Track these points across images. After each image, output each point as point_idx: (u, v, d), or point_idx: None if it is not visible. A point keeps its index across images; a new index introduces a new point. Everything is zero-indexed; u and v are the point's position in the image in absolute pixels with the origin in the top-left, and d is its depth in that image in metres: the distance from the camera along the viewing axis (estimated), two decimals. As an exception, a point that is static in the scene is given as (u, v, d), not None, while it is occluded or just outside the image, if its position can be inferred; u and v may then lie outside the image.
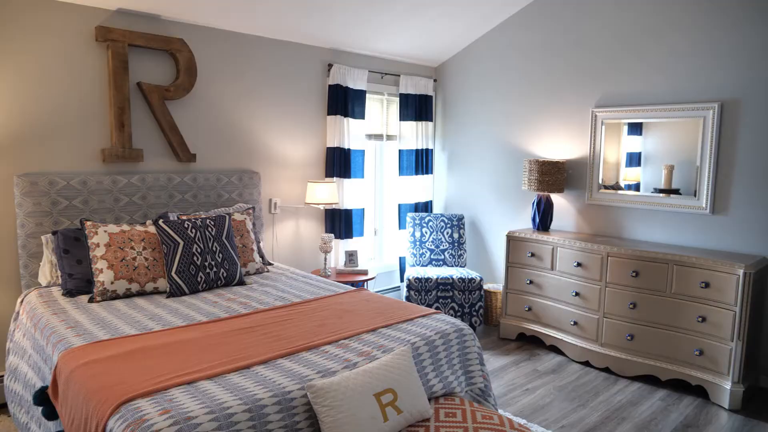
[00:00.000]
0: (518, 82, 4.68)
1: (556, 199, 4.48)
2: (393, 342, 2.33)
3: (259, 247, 3.66)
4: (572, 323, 3.93)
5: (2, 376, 3.12)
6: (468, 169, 5.16)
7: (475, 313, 4.36)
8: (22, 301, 2.90)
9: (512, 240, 4.29)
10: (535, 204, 4.33)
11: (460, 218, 4.84)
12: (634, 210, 4.03)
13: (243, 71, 4.00)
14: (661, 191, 3.87)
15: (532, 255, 4.17)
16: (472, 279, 4.32)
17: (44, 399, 2.13)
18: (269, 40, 4.12)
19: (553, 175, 4.18)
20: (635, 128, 3.99)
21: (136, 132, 3.52)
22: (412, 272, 4.40)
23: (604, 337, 3.76)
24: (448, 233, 4.79)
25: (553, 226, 4.51)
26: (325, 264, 4.19)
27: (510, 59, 4.71)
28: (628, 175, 4.06)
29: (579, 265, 3.86)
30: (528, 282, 4.21)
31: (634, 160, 4.02)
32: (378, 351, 2.23)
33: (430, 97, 5.20)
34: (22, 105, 3.11)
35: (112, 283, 2.82)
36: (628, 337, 3.63)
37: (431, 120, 5.24)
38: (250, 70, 4.04)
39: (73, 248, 2.97)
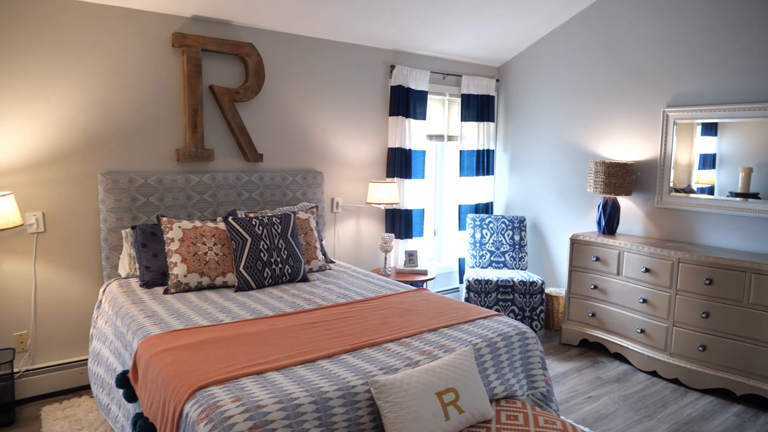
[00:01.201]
0: (584, 82, 4.56)
1: (623, 201, 4.33)
2: (454, 342, 2.33)
3: (321, 245, 3.75)
4: (639, 331, 3.79)
5: (87, 359, 3.35)
6: (530, 170, 5.07)
7: (536, 317, 4.28)
8: (104, 291, 3.10)
9: (576, 243, 4.19)
10: (600, 207, 4.21)
11: (522, 220, 4.77)
12: (708, 215, 3.84)
13: (308, 73, 4.11)
14: (737, 195, 3.67)
15: (597, 259, 4.05)
16: (533, 282, 4.25)
17: (125, 382, 2.27)
18: (334, 42, 4.21)
19: (621, 177, 4.05)
20: (709, 129, 3.80)
21: (208, 133, 3.69)
22: (471, 274, 4.38)
23: (674, 346, 3.60)
24: (508, 235, 4.73)
25: (619, 229, 4.36)
26: (385, 263, 4.24)
27: (575, 58, 4.60)
28: (702, 177, 3.87)
29: (647, 270, 3.72)
30: (592, 287, 4.09)
31: (707, 162, 3.84)
32: (439, 350, 2.24)
33: (492, 97, 5.15)
34: (106, 108, 3.33)
35: (185, 276, 2.97)
36: (700, 348, 3.46)
37: (493, 120, 5.19)
38: (314, 73, 4.14)
39: (150, 242, 3.15)
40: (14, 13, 3.00)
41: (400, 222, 4.61)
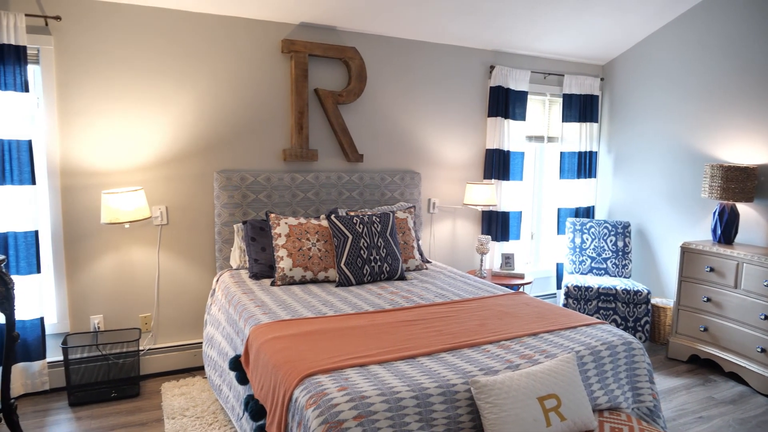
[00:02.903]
0: (698, 79, 4.25)
1: (743, 209, 3.99)
2: (556, 348, 2.28)
3: (418, 245, 3.80)
4: (759, 350, 3.48)
5: (200, 342, 3.63)
6: (636, 173, 4.81)
7: (640, 329, 4.06)
8: (217, 280, 3.35)
9: (687, 252, 3.92)
10: (716, 214, 3.91)
11: (626, 226, 4.54)
12: None
13: (408, 75, 4.18)
14: None
15: (712, 270, 3.77)
16: (638, 291, 4.03)
17: (238, 366, 2.44)
18: (434, 44, 4.25)
19: (741, 182, 3.74)
20: None
21: (312, 134, 3.86)
22: (570, 280, 4.23)
23: (801, 369, 3.28)
24: (611, 241, 4.52)
25: (738, 239, 4.03)
26: (481, 265, 4.21)
27: (688, 54, 4.30)
28: (841, 184, 3.49)
29: (771, 284, 3.41)
30: (705, 299, 3.81)
31: None
32: (540, 355, 2.20)
33: (596, 96, 4.95)
34: (222, 111, 3.59)
35: (290, 269, 3.14)
36: (834, 372, 3.12)
37: (596, 121, 4.98)
38: (414, 75, 4.20)
39: (258, 237, 3.35)
40: (144, 26, 3.32)
41: (497, 224, 4.55)
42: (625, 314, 4.07)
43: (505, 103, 4.48)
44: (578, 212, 4.96)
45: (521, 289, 4.30)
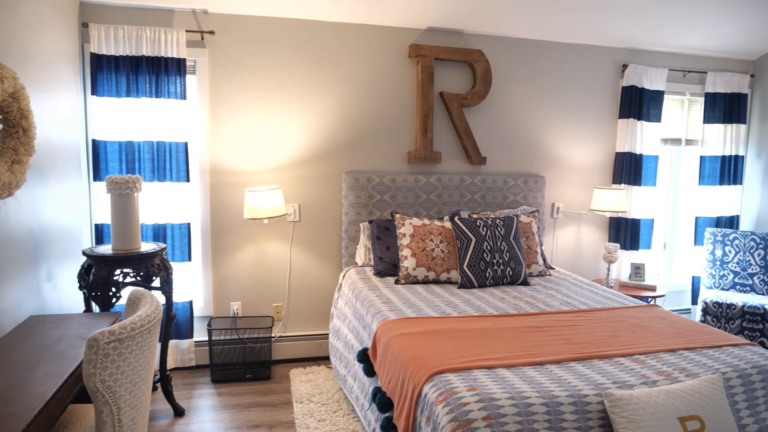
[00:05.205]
0: None
1: None
2: (698, 367, 2.13)
3: (542, 250, 3.72)
4: None
5: (323, 333, 3.84)
6: (793, 180, 4.32)
7: (792, 353, 3.64)
8: (343, 276, 3.52)
9: None
10: None
11: (778, 238, 4.09)
12: None
13: (533, 77, 4.10)
14: None
15: None
16: (791, 312, 3.62)
17: (365, 358, 2.56)
18: (561, 44, 4.12)
19: None
20: None
21: (436, 136, 3.92)
22: (709, 295, 3.90)
23: None
24: (759, 255, 4.10)
25: None
26: (608, 274, 4.01)
27: None
28: None
29: None
30: None
31: None
32: (680, 373, 2.07)
33: (744, 95, 4.51)
34: (350, 114, 3.76)
35: (414, 269, 3.22)
36: None
37: (744, 122, 4.54)
38: (539, 75, 4.11)
39: (383, 236, 3.48)
40: (284, 36, 3.58)
41: (626, 232, 4.32)
42: (775, 336, 3.68)
43: (639, 104, 4.23)
44: (719, 222, 4.56)
45: (652, 302, 4.04)
